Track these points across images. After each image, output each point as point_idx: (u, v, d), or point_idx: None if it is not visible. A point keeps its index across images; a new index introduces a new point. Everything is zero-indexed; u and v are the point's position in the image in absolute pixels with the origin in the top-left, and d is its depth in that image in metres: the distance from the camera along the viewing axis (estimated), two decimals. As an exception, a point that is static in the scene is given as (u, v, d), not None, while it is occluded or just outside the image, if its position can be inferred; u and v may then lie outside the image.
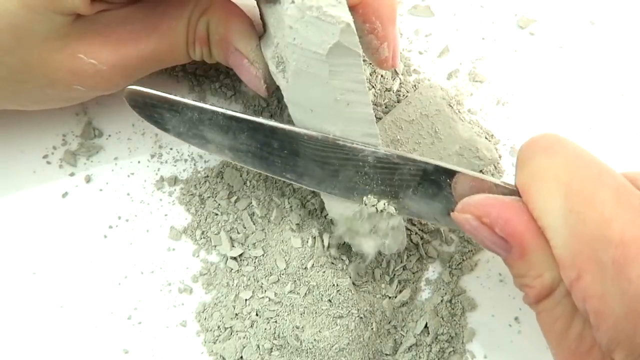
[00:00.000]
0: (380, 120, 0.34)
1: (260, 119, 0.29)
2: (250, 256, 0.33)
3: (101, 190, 0.35)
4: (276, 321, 0.31)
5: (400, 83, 0.37)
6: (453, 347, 0.32)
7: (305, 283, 0.31)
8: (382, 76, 0.37)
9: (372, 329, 0.32)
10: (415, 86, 0.37)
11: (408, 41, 0.39)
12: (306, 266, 0.32)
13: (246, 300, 0.32)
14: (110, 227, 0.34)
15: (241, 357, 0.31)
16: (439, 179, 0.27)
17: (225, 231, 0.34)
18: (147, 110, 0.29)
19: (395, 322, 0.33)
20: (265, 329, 0.31)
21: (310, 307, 0.31)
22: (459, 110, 0.35)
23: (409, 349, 0.32)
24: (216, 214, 0.34)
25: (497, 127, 0.37)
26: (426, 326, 0.32)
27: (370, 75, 0.37)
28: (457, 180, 0.27)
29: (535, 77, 0.38)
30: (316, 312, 0.31)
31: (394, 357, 0.32)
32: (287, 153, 0.29)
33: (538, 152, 0.24)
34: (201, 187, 0.35)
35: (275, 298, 0.32)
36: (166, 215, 0.35)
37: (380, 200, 0.29)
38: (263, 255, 0.33)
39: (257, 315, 0.32)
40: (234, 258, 0.33)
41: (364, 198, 0.29)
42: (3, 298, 0.33)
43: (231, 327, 0.32)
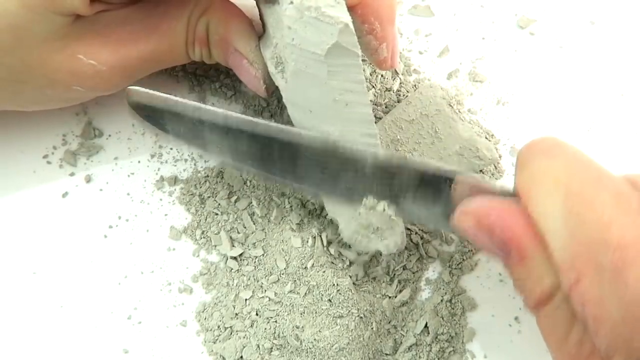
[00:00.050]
0: (380, 120, 0.34)
1: (260, 121, 0.29)
2: (250, 256, 0.33)
3: (101, 190, 0.35)
4: (276, 321, 0.31)
5: (400, 83, 0.37)
6: (453, 347, 0.32)
7: (305, 283, 0.31)
8: (382, 76, 0.37)
9: (372, 329, 0.32)
10: (415, 86, 0.37)
11: (408, 41, 0.39)
12: (306, 266, 0.32)
13: (246, 300, 0.32)
14: (110, 227, 0.34)
15: (241, 357, 0.31)
16: (438, 184, 0.27)
17: (225, 231, 0.34)
18: (147, 111, 0.29)
19: (395, 322, 0.33)
20: (265, 329, 0.31)
21: (310, 307, 0.31)
22: (459, 110, 0.35)
23: (409, 349, 0.32)
24: (216, 214, 0.34)
25: (497, 127, 0.37)
26: (426, 326, 0.32)
27: (370, 75, 0.37)
28: (456, 184, 0.27)
29: (535, 77, 0.38)
30: (316, 312, 0.31)
31: (394, 357, 0.32)
32: (287, 157, 0.29)
33: (538, 155, 0.24)
34: (201, 187, 0.35)
35: (275, 298, 0.32)
36: (166, 215, 0.35)
37: (379, 201, 0.29)
38: (263, 255, 0.33)
39: (257, 315, 0.32)
40: (234, 258, 0.33)
41: (364, 199, 0.29)
42: (3, 298, 0.33)
43: (231, 327, 0.32)
